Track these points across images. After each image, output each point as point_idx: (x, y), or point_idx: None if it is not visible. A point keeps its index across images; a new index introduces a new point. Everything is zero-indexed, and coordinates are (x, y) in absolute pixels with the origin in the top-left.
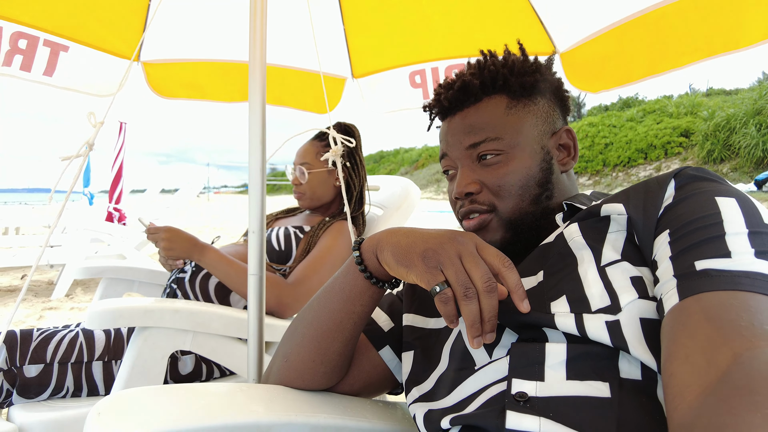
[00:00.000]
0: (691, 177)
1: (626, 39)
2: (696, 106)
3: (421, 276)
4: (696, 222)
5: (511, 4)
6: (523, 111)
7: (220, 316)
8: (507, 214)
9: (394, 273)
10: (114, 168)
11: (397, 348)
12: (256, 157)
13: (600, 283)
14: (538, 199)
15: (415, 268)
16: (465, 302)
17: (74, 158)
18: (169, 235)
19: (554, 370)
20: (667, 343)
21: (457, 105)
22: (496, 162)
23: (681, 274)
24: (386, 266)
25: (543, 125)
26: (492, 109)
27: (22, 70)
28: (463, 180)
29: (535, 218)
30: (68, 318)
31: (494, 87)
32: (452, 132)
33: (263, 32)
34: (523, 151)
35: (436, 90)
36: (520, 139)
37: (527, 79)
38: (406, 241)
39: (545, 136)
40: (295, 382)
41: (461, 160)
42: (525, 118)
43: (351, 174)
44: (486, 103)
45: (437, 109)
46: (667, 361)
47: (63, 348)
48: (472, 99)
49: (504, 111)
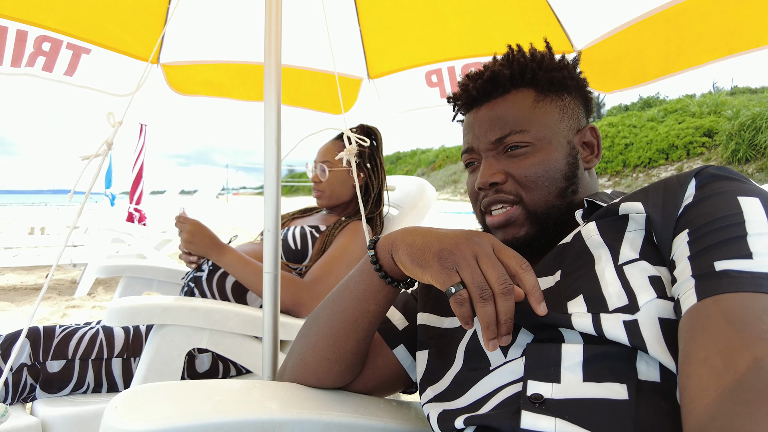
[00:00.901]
0: (712, 176)
1: (643, 37)
2: (720, 105)
3: (436, 276)
4: (717, 222)
5: (528, 3)
6: (550, 105)
7: (237, 315)
8: (534, 206)
9: (409, 273)
10: (134, 169)
11: (411, 347)
12: (271, 157)
13: (618, 282)
14: (564, 193)
15: (430, 269)
16: (481, 304)
17: (94, 158)
18: (194, 229)
19: (571, 371)
20: (684, 344)
21: (485, 96)
22: (523, 153)
23: (700, 274)
24: (401, 266)
25: (569, 121)
26: (520, 101)
27: (44, 71)
28: (488, 169)
29: (560, 212)
30: (90, 316)
31: (522, 80)
32: (479, 123)
33: (278, 34)
34: (549, 144)
35: (462, 81)
36: (547, 132)
37: (555, 74)
38: (422, 241)
39: (571, 131)
40: (309, 380)
41: (487, 151)
42: (552, 112)
43: (371, 175)
44: (514, 96)
45: (463, 99)
46: (684, 363)
47: (84, 345)
48: (500, 90)
49: (531, 104)
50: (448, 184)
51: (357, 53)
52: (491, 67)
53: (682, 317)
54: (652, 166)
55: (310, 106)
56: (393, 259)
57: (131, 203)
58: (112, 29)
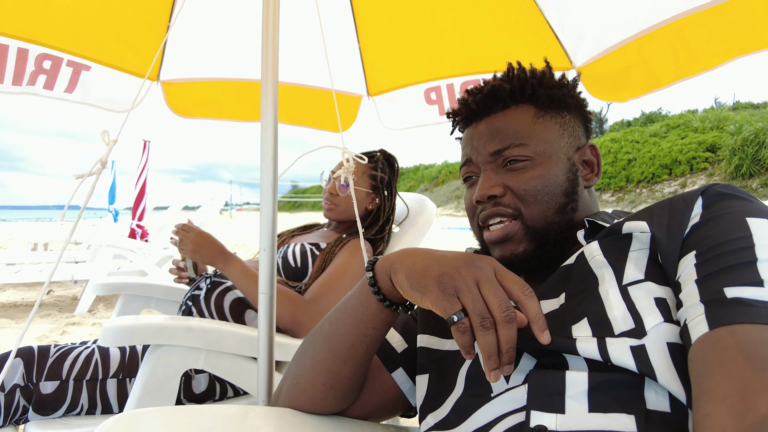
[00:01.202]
0: (719, 194)
1: (647, 50)
2: (722, 121)
3: (437, 303)
4: (725, 245)
5: (527, 21)
6: (550, 122)
7: (234, 335)
8: (533, 221)
9: (408, 297)
10: (137, 185)
11: (410, 370)
12: (267, 175)
13: (623, 305)
14: (563, 209)
15: (430, 294)
16: (482, 333)
17: (87, 176)
18: (199, 238)
19: (575, 401)
20: (700, 378)
21: (484, 110)
22: (522, 167)
23: (709, 300)
24: (400, 290)
25: (569, 138)
26: (519, 116)
27: (45, 89)
28: (487, 182)
29: (560, 229)
30: (90, 333)
31: (522, 96)
32: (478, 136)
33: (275, 51)
34: (549, 159)
35: (461, 96)
36: (547, 148)
37: (555, 92)
38: (421, 264)
39: (571, 148)
40: (305, 405)
41: (486, 164)
42: (552, 128)
43: (385, 202)
44: (513, 111)
45: (463, 113)
46: (701, 399)
47: (79, 365)
48: (500, 105)
49: (531, 120)
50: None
51: (356, 71)
52: (491, 83)
53: (694, 345)
54: (656, 182)
55: (309, 124)
56: (392, 282)
57: (133, 219)
58: (112, 46)
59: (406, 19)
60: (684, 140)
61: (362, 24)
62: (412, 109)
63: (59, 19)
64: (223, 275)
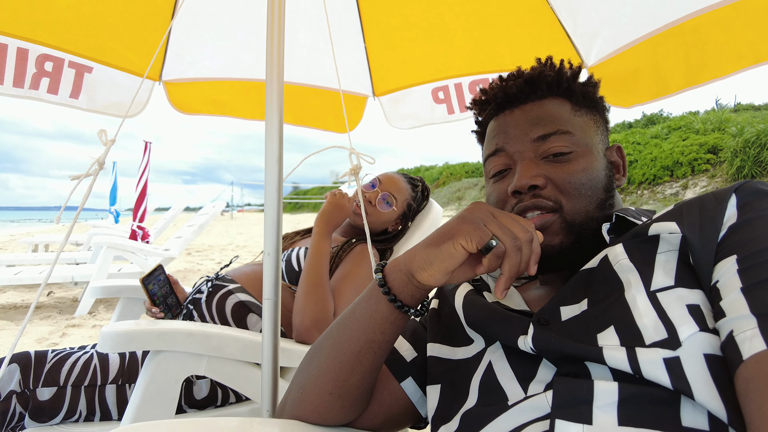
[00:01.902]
0: (755, 192)
1: (660, 50)
2: (723, 122)
3: (471, 235)
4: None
5: (537, 19)
6: (587, 117)
7: (236, 340)
8: (573, 215)
9: (438, 263)
10: (138, 187)
11: (420, 380)
12: (272, 177)
13: (653, 312)
14: (603, 205)
15: (460, 233)
16: (514, 253)
17: (84, 177)
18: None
19: (604, 412)
20: (759, 402)
21: (521, 97)
22: (566, 160)
23: (764, 314)
24: (426, 266)
25: (602, 135)
26: (558, 107)
27: (49, 93)
28: (528, 171)
29: (598, 225)
30: (90, 335)
31: (559, 88)
32: (514, 123)
33: (280, 51)
34: (591, 152)
35: (493, 83)
36: (588, 140)
37: (589, 89)
38: (437, 232)
39: (604, 146)
40: (311, 416)
41: (524, 153)
42: (589, 123)
43: (407, 218)
44: (551, 102)
45: (499, 99)
46: (761, 424)
47: (77, 370)
48: (538, 93)
49: (570, 112)
50: (452, 201)
51: (362, 71)
52: (527, 72)
53: (748, 362)
54: (657, 183)
55: (314, 125)
56: (408, 275)
57: (134, 221)
58: (113, 46)
59: (413, 18)
60: (685, 142)
61: (368, 24)
62: (420, 108)
63: (60, 18)
64: (224, 278)
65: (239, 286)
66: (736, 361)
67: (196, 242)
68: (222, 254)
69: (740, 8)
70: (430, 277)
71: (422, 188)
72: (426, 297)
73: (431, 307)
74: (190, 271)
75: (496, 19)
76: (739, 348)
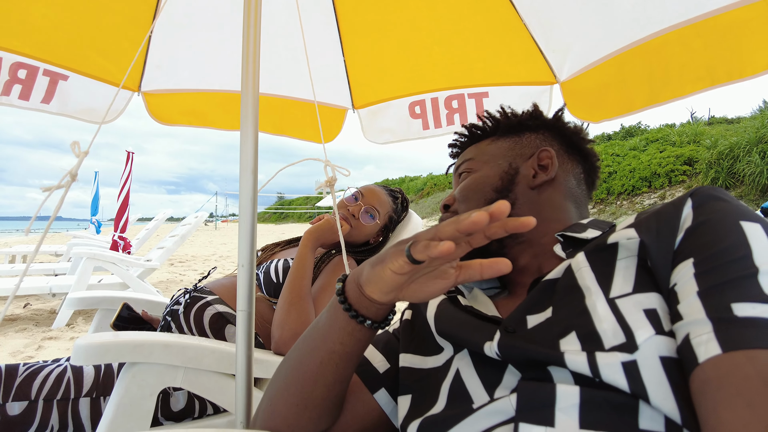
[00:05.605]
0: (709, 196)
1: (627, 68)
2: (698, 135)
3: (395, 256)
4: (724, 253)
5: (511, 35)
6: (505, 142)
7: (213, 352)
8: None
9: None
10: (120, 197)
11: (393, 391)
12: (247, 188)
13: (612, 317)
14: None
15: (388, 257)
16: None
17: (56, 189)
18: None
19: (566, 414)
20: (713, 403)
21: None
22: (464, 178)
23: (718, 318)
24: (368, 283)
25: (522, 149)
26: (476, 146)
27: (20, 99)
28: (446, 197)
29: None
30: (67, 348)
31: (484, 134)
32: (454, 168)
33: (256, 63)
34: (486, 165)
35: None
36: (488, 158)
37: (512, 120)
38: (379, 254)
39: (519, 157)
40: (281, 428)
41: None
42: (504, 146)
43: (389, 230)
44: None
45: (456, 147)
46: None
47: (49, 384)
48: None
49: (487, 144)
50: (436, 212)
51: (341, 83)
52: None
53: (703, 366)
54: (636, 194)
55: (294, 135)
56: (360, 288)
57: (116, 231)
58: (90, 56)
59: (391, 32)
60: (662, 154)
61: (347, 37)
62: (397, 122)
63: (36, 26)
64: (203, 290)
65: (217, 297)
66: (692, 364)
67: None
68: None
69: (701, 28)
70: (372, 294)
71: (402, 200)
72: (390, 310)
73: (405, 318)
74: (173, 282)
75: (471, 34)
76: (694, 351)
